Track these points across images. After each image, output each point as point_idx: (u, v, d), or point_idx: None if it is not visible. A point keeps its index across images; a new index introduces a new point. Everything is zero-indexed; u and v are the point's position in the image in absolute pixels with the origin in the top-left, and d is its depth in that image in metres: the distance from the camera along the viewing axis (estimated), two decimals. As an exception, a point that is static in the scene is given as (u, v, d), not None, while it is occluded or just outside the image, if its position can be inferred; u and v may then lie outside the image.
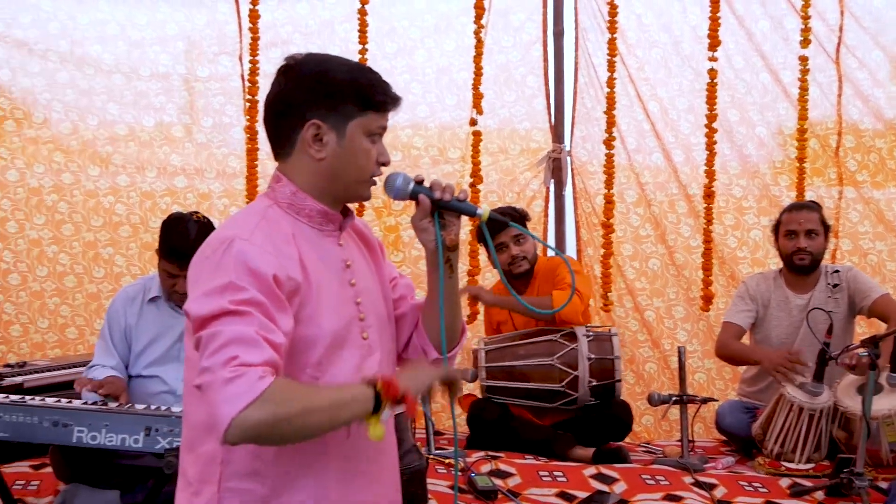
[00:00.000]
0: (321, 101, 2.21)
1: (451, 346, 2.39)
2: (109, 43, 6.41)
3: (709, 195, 6.41)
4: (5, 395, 3.76)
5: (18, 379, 4.67)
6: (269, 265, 2.08)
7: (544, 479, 4.52)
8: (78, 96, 6.34)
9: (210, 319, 2.01)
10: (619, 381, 5.27)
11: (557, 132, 6.61)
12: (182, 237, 4.07)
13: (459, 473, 4.55)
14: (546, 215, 6.65)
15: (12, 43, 6.27)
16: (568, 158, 6.62)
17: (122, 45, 6.41)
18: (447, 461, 4.67)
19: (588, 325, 5.48)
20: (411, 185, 2.29)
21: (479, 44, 6.33)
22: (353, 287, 2.29)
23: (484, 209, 2.29)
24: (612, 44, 6.47)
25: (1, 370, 4.88)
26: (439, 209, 2.28)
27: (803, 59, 6.40)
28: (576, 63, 6.67)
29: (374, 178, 2.28)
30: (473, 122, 6.35)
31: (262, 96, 5.89)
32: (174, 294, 4.20)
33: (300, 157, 2.25)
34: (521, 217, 5.41)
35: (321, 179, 2.25)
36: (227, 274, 2.05)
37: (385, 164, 2.27)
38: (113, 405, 3.75)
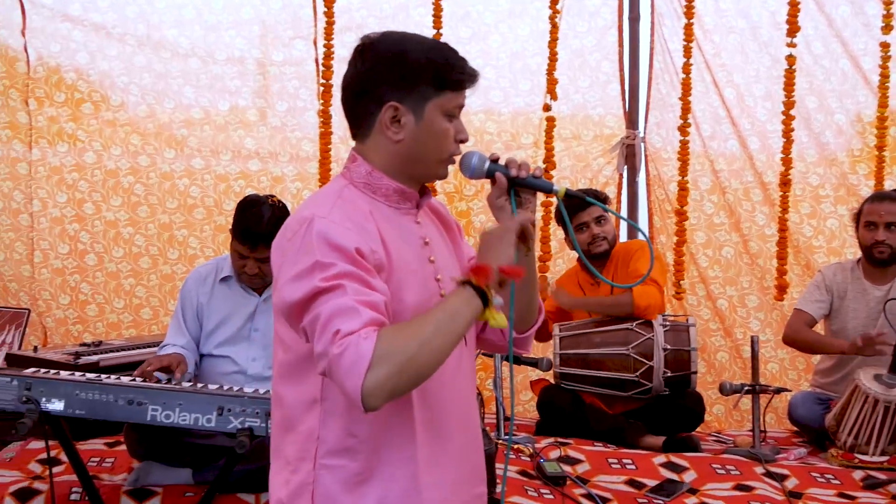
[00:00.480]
0: (398, 83, 2.19)
1: (527, 325, 2.40)
2: (186, 27, 6.46)
3: (785, 183, 6.31)
4: (82, 373, 3.81)
5: (94, 358, 4.76)
6: (350, 240, 2.08)
7: (613, 466, 4.49)
8: (154, 80, 6.42)
9: (307, 303, 2.03)
10: (695, 372, 5.19)
11: (631, 118, 6.56)
12: (256, 219, 4.09)
13: (528, 459, 4.53)
14: (619, 202, 6.60)
15: (90, 27, 6.35)
16: (642, 145, 6.56)
17: (198, 29, 6.46)
18: (516, 447, 4.65)
19: (664, 314, 5.41)
20: (487, 164, 2.28)
21: (554, 29, 6.30)
22: (433, 264, 2.28)
23: (560, 186, 2.27)
24: (688, 29, 6.39)
25: (78, 349, 4.98)
26: (515, 186, 2.26)
27: (884, 46, 6.28)
28: (651, 48, 6.60)
29: (453, 157, 2.28)
30: (547, 108, 6.32)
31: (336, 80, 6.04)
32: (243, 275, 4.24)
33: (377, 138, 2.24)
34: (603, 199, 5.36)
35: (399, 160, 2.25)
36: (312, 254, 2.05)
37: (464, 140, 2.26)
38: (185, 385, 3.77)
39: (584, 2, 6.53)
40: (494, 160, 2.29)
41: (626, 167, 6.55)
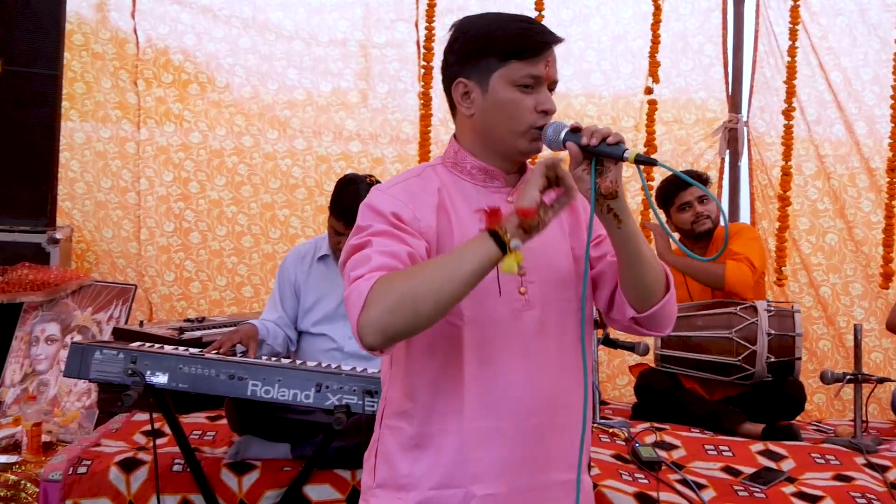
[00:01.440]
0: (464, 59, 2.26)
1: (646, 303, 2.25)
2: (290, 9, 6.55)
3: (893, 169, 6.17)
4: (185, 348, 3.90)
5: (198, 333, 4.88)
6: (389, 205, 2.16)
7: (710, 452, 4.45)
8: (259, 61, 6.52)
9: (344, 262, 2.14)
10: (799, 358, 5.11)
11: (734, 102, 6.47)
12: (352, 196, 4.15)
13: (623, 443, 4.52)
14: (720, 186, 6.53)
15: (198, 9, 6.47)
16: (745, 129, 6.47)
17: (302, 12, 6.54)
18: (611, 430, 4.64)
19: (769, 300, 5.33)
20: (563, 134, 2.17)
21: (657, 11, 6.24)
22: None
23: (631, 151, 2.10)
24: (794, 11, 6.28)
25: (182, 324, 5.10)
26: (591, 155, 2.14)
27: None
28: (756, 31, 6.49)
29: (535, 129, 2.21)
30: (649, 91, 6.28)
31: (436, 62, 6.04)
32: (338, 252, 4.30)
33: (459, 117, 2.32)
34: (704, 180, 5.32)
35: (476, 136, 2.29)
36: (358, 222, 2.18)
37: (547, 111, 2.22)
38: (284, 362, 3.84)
39: (687, -17, 6.47)
40: (575, 129, 2.17)
41: (728, 151, 6.47)
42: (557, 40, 2.25)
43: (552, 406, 2.24)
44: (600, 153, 2.12)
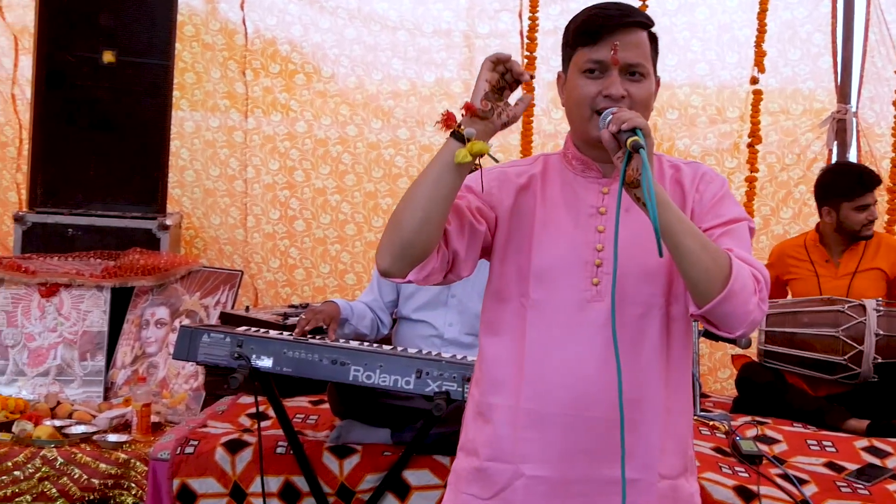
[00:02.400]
0: (561, 52, 2.31)
1: (702, 297, 2.10)
2: (395, 0, 6.60)
3: None
4: (289, 332, 3.99)
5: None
6: (473, 181, 2.28)
7: (812, 447, 4.39)
8: (364, 52, 6.59)
9: None
10: (908, 360, 5.00)
11: (843, 92, 6.33)
12: None
13: (723, 436, 4.49)
14: (828, 179, 6.40)
15: (305, 1, 6.57)
16: (853, 120, 6.33)
17: (407, 3, 6.58)
18: (711, 423, 4.61)
19: (879, 299, 5.21)
20: (605, 120, 2.13)
21: (764, 0, 6.15)
22: (600, 233, 2.25)
23: (634, 138, 2.01)
24: (907, -1, 6.14)
25: (286, 310, 5.19)
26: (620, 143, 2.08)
27: None
28: (866, 20, 6.34)
29: (600, 114, 2.18)
30: (755, 81, 6.19)
31: (539, 53, 6.04)
32: None
33: None
34: (877, 184, 5.27)
35: (569, 125, 2.33)
36: None
37: (610, 96, 2.18)
38: (385, 348, 3.89)
39: (796, -29, 6.35)
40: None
41: (836, 143, 6.34)
42: (623, 24, 2.19)
43: (617, 401, 2.09)
44: (620, 140, 2.07)
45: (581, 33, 2.23)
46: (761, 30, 6.12)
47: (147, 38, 5.90)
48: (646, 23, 2.26)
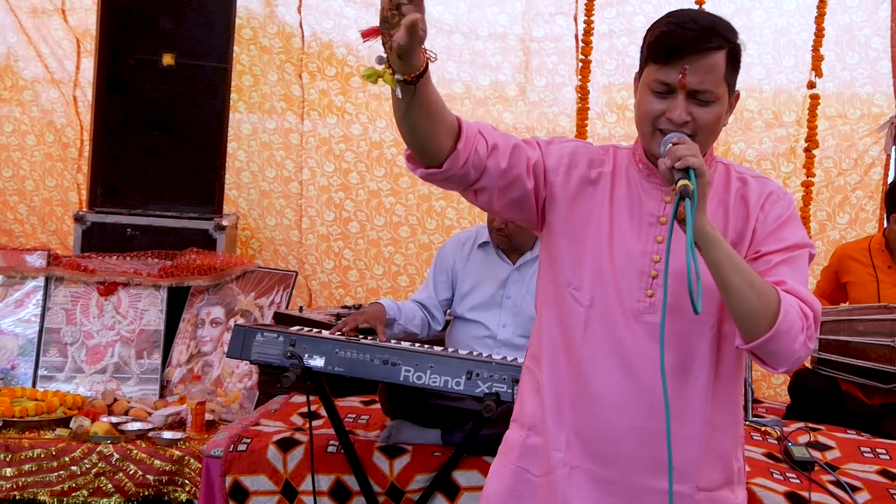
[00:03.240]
0: (640, 50, 2.30)
1: (746, 336, 2.12)
2: (451, 4, 6.63)
3: None
4: (341, 333, 4.02)
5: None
6: (550, 155, 2.33)
7: (866, 454, 4.35)
8: (421, 54, 6.60)
9: None
10: (964, 371, 4.92)
11: (902, 97, 6.27)
12: None
13: (775, 442, 4.46)
14: (885, 183, 6.32)
15: (361, 4, 6.62)
16: (912, 124, 6.27)
17: (463, 6, 6.62)
18: (763, 429, 4.58)
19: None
20: (663, 149, 2.16)
21: (822, 3, 6.09)
22: (659, 244, 2.25)
23: (683, 181, 2.05)
24: (967, 2, 6.06)
25: (339, 311, 5.23)
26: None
27: None
28: (926, 24, 6.29)
29: (663, 134, 2.20)
30: (812, 85, 6.14)
31: (595, 56, 6.03)
32: (493, 232, 4.36)
33: None
34: None
35: (637, 129, 2.32)
36: None
37: (673, 120, 2.18)
38: (436, 349, 3.92)
39: (855, -26, 6.29)
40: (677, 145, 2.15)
41: (894, 147, 6.27)
42: (695, 49, 2.16)
43: (660, 412, 2.12)
44: (673, 177, 2.09)
45: (654, 50, 2.21)
46: (819, 34, 6.06)
47: (206, 42, 5.99)
48: (723, 44, 2.21)
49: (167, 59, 5.91)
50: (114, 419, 4.74)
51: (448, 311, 4.57)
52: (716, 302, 2.20)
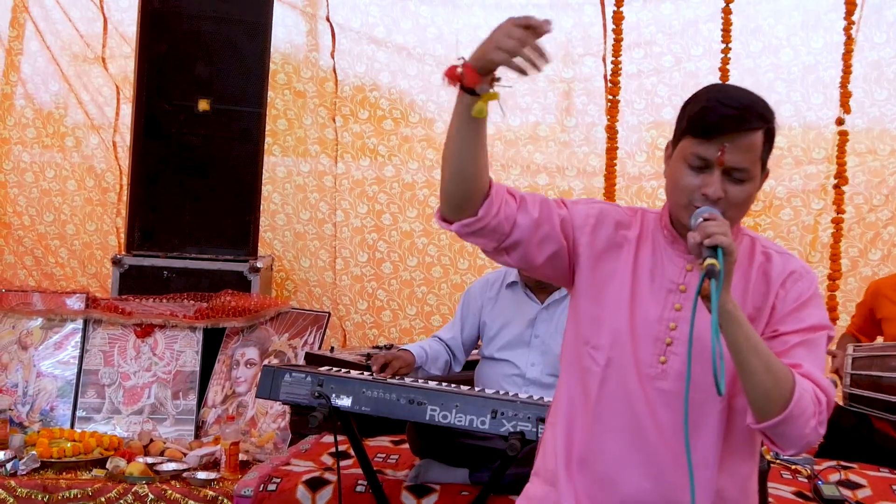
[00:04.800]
0: (675, 122, 2.31)
1: (758, 416, 2.14)
2: (481, 46, 6.72)
3: None
4: (370, 373, 4.08)
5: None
6: (578, 214, 2.37)
7: (897, 493, 4.34)
8: (450, 97, 6.64)
9: None
10: None
11: (932, 133, 6.27)
12: None
13: (805, 480, 4.45)
14: (916, 220, 6.33)
15: (393, 48, 6.75)
16: (942, 160, 6.25)
17: (493, 48, 6.70)
18: (793, 467, 4.57)
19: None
20: (693, 223, 2.18)
21: (850, 40, 6.10)
22: (676, 311, 2.27)
23: (710, 260, 2.06)
24: None
25: (370, 351, 5.29)
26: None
27: None
28: (955, 60, 6.28)
29: (696, 207, 2.20)
30: (840, 122, 6.14)
31: (623, 96, 6.09)
32: (521, 274, 4.42)
33: None
34: None
35: (667, 198, 2.34)
36: None
37: (707, 196, 2.19)
38: (463, 388, 3.96)
39: (882, 12, 6.28)
40: (709, 220, 2.15)
41: (925, 183, 6.27)
42: (737, 129, 2.17)
43: (668, 479, 2.21)
44: (702, 253, 2.10)
45: (694, 124, 2.21)
46: (846, 71, 6.07)
47: (241, 87, 6.10)
48: (762, 125, 2.22)
49: (203, 105, 6.03)
50: (149, 459, 4.81)
51: (472, 351, 4.61)
52: (728, 375, 2.18)
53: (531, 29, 2.12)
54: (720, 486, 2.26)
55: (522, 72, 2.15)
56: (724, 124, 2.16)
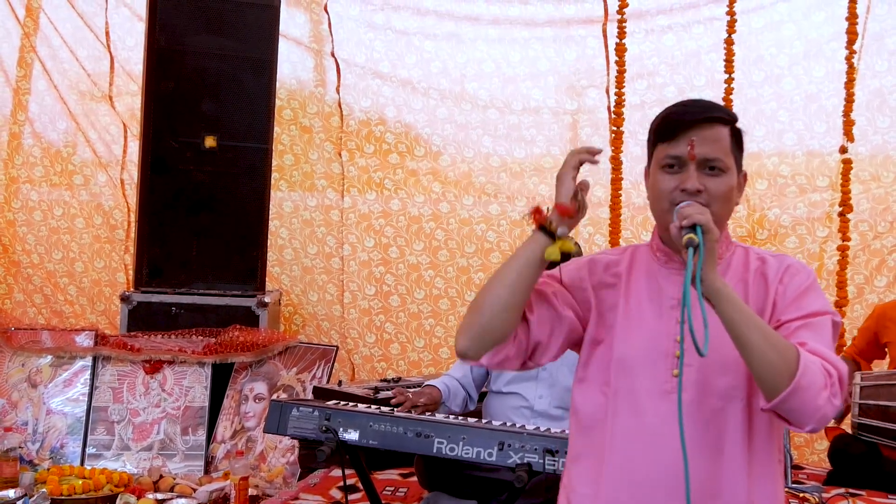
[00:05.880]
0: (646, 149, 2.38)
1: (768, 394, 2.11)
2: (485, 80, 6.80)
3: None
4: (377, 406, 4.09)
5: (392, 393, 5.05)
6: (567, 274, 2.37)
7: (905, 520, 4.34)
8: (455, 130, 6.78)
9: None
10: None
11: (936, 159, 6.28)
12: None
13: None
14: (920, 245, 6.33)
15: (397, 83, 6.80)
16: (946, 186, 6.26)
17: (497, 82, 6.77)
18: (801, 495, 4.57)
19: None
20: (674, 214, 2.22)
21: (851, 69, 6.13)
22: (679, 324, 2.21)
23: (689, 235, 2.10)
24: None
25: (378, 384, 5.30)
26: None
27: None
28: (958, 87, 6.31)
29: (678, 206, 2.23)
30: (843, 150, 6.16)
31: (626, 127, 6.13)
32: None
33: None
34: None
35: (654, 218, 2.37)
36: None
37: (685, 190, 2.23)
38: (470, 421, 3.97)
39: (884, 40, 6.30)
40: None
41: (930, 210, 6.28)
42: (701, 120, 2.24)
43: (695, 494, 2.13)
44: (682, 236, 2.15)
45: (661, 130, 2.29)
46: (849, 99, 6.09)
47: (247, 123, 6.15)
48: (726, 118, 2.29)
49: (209, 142, 6.08)
50: (159, 496, 4.83)
51: (481, 387, 4.63)
52: (743, 375, 2.20)
53: (593, 154, 2.26)
54: (750, 492, 2.23)
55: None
56: (686, 119, 2.25)
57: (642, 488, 2.24)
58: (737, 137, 2.31)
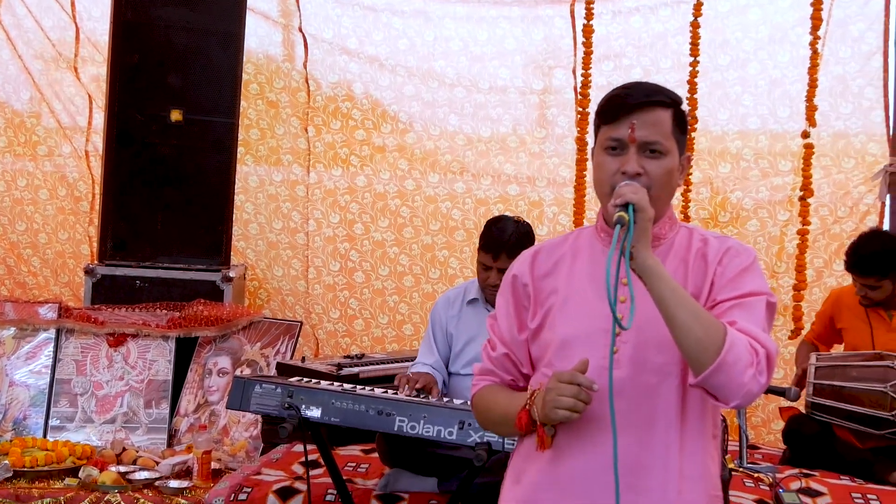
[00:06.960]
0: (594, 130, 2.42)
1: (695, 369, 2.16)
2: (452, 58, 6.81)
3: None
4: (339, 383, 4.12)
5: (355, 370, 5.10)
6: (517, 269, 2.49)
7: (857, 500, 4.41)
8: (422, 108, 6.80)
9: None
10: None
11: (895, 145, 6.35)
12: (500, 232, 4.37)
13: (767, 488, 4.52)
14: (880, 231, 6.41)
15: (365, 59, 6.81)
16: (906, 173, 6.34)
17: (464, 60, 6.79)
18: (756, 475, 4.65)
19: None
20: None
21: (815, 55, 6.16)
22: (621, 303, 2.24)
23: (619, 213, 2.17)
24: (959, 53, 6.16)
25: (341, 360, 5.34)
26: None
27: None
28: (919, 74, 6.38)
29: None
30: (806, 135, 6.20)
31: (592, 108, 6.16)
32: (487, 288, 4.45)
33: None
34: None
35: (598, 199, 2.41)
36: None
37: (626, 173, 2.27)
38: (431, 399, 4.01)
39: (847, 27, 6.36)
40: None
41: (889, 196, 6.34)
42: (641, 104, 2.29)
43: (627, 467, 2.21)
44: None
45: (603, 112, 2.34)
46: (812, 85, 6.11)
47: (213, 97, 6.14)
48: (667, 102, 2.33)
49: (175, 115, 6.06)
50: (122, 468, 4.85)
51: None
52: (677, 352, 2.22)
53: (580, 385, 2.20)
54: (684, 464, 2.28)
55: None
56: (628, 102, 2.30)
57: (577, 461, 2.29)
58: (679, 120, 2.36)
